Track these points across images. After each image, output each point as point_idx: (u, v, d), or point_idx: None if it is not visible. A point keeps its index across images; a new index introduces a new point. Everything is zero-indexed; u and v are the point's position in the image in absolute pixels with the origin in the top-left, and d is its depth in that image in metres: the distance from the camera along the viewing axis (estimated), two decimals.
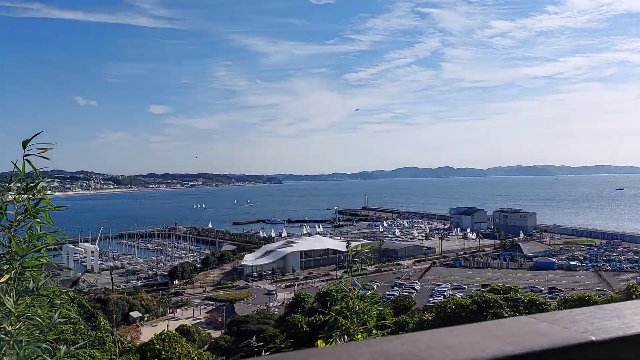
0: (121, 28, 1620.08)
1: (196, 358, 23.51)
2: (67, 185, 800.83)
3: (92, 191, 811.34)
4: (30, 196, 3.40)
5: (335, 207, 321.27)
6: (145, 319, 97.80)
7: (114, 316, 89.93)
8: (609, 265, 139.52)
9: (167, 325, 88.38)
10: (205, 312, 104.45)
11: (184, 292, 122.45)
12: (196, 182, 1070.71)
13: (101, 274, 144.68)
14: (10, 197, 3.46)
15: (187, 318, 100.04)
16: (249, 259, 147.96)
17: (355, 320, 5.41)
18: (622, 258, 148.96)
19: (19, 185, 3.47)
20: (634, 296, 41.24)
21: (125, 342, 64.36)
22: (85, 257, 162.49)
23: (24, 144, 3.57)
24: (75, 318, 25.40)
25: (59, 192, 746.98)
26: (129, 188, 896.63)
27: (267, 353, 5.86)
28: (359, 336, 5.42)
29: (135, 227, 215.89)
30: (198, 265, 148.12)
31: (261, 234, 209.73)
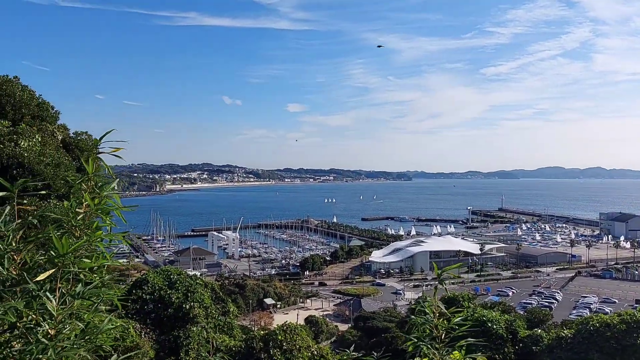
0: (263, 32, 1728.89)
1: (315, 352, 23.99)
2: (215, 178, 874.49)
3: (236, 183, 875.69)
4: (95, 196, 3.42)
5: (469, 207, 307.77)
6: (278, 306, 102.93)
7: (250, 301, 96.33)
8: None
9: (298, 314, 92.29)
10: (334, 305, 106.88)
11: (325, 283, 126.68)
12: (328, 177, 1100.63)
13: (240, 260, 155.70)
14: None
15: (316, 309, 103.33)
16: (376, 256, 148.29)
17: (440, 349, 4.89)
18: None
19: (90, 184, 3.49)
20: None
21: (257, 328, 68.45)
22: (227, 244, 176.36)
23: (96, 143, 3.63)
24: (208, 302, 27.49)
25: (207, 183, 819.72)
26: (268, 181, 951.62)
27: None
28: None
29: (271, 218, 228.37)
30: (327, 258, 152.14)
31: (389, 231, 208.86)
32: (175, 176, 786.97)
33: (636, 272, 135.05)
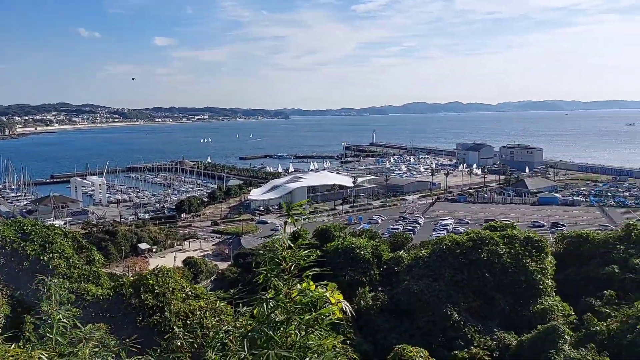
0: None
1: (190, 292, 23.78)
2: (74, 119, 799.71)
3: (99, 124, 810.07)
4: None
5: (343, 143, 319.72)
6: (154, 250, 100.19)
7: (123, 248, 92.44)
8: (614, 201, 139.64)
9: (175, 257, 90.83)
10: (213, 245, 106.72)
11: (191, 224, 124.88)
12: (202, 116, 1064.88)
13: (109, 206, 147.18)
14: None
15: (194, 250, 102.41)
16: (255, 194, 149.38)
17: (288, 279, 4.98)
18: (628, 194, 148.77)
19: None
20: (632, 234, 41.20)
21: (132, 274, 66.21)
22: (93, 190, 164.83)
23: None
24: (70, 252, 25.72)
25: (65, 124, 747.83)
26: (135, 122, 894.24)
27: None
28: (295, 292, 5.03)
29: (142, 161, 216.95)
30: (205, 199, 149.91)
31: (268, 169, 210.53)
32: (26, 118, 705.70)
33: (486, 195, 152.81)
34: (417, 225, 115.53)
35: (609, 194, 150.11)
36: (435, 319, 32.78)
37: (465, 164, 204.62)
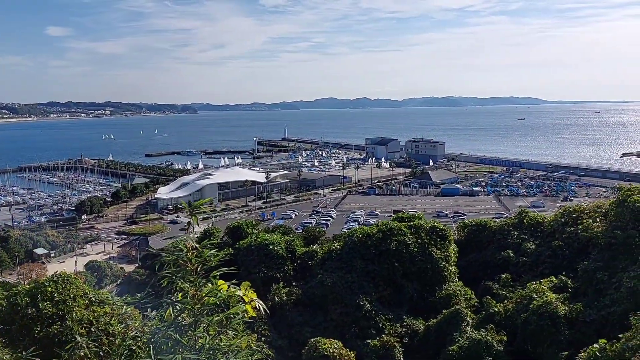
0: None
1: (93, 298, 22.34)
2: None
3: None
4: None
5: (255, 138, 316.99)
6: (52, 255, 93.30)
7: (17, 254, 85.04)
8: (508, 191, 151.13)
9: (76, 261, 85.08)
10: (118, 247, 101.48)
11: (93, 227, 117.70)
12: (104, 111, 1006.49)
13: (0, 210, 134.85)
14: None
15: (97, 253, 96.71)
16: (163, 192, 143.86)
17: (194, 281, 4.80)
18: (520, 184, 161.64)
19: None
20: (524, 221, 44.79)
21: (27, 281, 61.15)
22: None
23: None
24: None
25: None
26: (28, 117, 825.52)
27: None
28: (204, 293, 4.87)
29: (36, 160, 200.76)
30: (108, 199, 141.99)
31: (176, 166, 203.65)
32: None
33: (394, 188, 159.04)
34: (329, 218, 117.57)
35: (504, 184, 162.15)
36: (348, 310, 33.56)
37: (374, 158, 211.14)
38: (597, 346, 19.95)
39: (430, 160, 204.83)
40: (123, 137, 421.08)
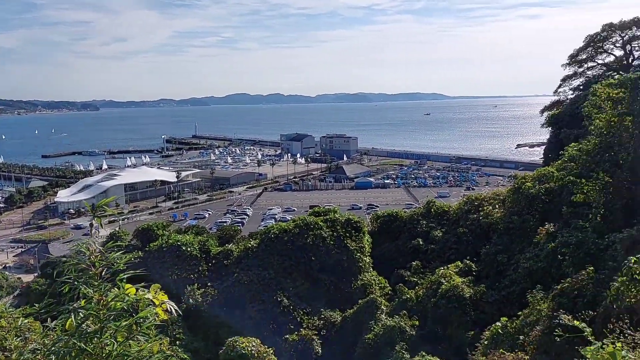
0: None
1: None
2: None
3: None
4: None
5: (163, 136, 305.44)
6: None
7: None
8: (416, 182, 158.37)
9: None
10: (14, 256, 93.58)
11: None
12: None
13: None
14: None
15: None
16: (64, 195, 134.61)
17: (99, 285, 4.51)
18: (427, 175, 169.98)
19: None
20: (432, 210, 47.12)
21: None
22: None
23: None
24: None
25: None
26: None
27: None
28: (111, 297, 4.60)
29: None
30: (1, 205, 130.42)
31: (77, 167, 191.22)
32: None
33: (309, 183, 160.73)
34: (245, 216, 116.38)
35: (413, 176, 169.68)
36: (266, 307, 33.50)
37: (289, 154, 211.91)
38: (499, 324, 21.45)
39: (344, 155, 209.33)
40: (15, 137, 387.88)
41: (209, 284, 35.99)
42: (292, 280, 36.07)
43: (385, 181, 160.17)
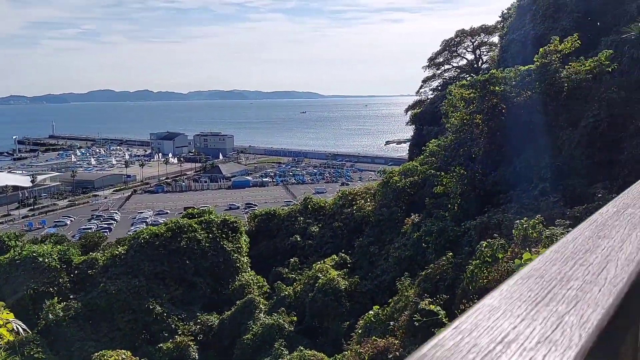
0: None
1: None
2: None
3: None
4: None
5: (14, 137, 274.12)
6: None
7: None
8: (295, 179, 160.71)
9: None
10: None
11: None
12: None
13: None
14: None
15: None
16: None
17: None
18: (305, 172, 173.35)
19: None
20: (309, 206, 47.96)
21: None
22: None
23: None
24: None
25: None
26: None
27: None
28: None
29: None
30: None
31: None
32: None
33: (183, 184, 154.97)
34: (113, 222, 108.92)
35: (291, 173, 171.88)
36: (137, 316, 31.54)
37: (160, 154, 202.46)
38: (372, 312, 22.38)
39: (220, 154, 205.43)
40: None
41: (71, 296, 32.98)
42: (166, 286, 34.42)
43: (264, 179, 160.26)
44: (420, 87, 78.23)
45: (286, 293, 32.21)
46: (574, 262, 0.99)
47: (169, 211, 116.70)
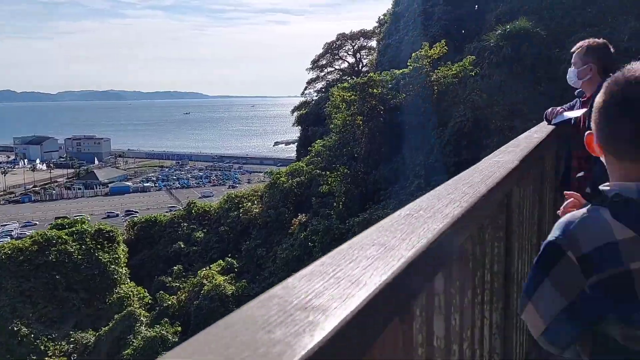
0: None
1: None
2: None
3: None
4: None
5: None
6: None
7: None
8: (179, 184, 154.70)
9: None
10: None
11: None
12: None
13: None
14: None
15: None
16: None
17: None
18: (189, 176, 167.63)
19: None
20: (193, 211, 46.35)
21: None
22: None
23: None
24: None
25: None
26: None
27: None
28: None
29: None
30: None
31: None
32: None
33: (54, 192, 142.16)
34: None
35: (174, 177, 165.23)
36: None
37: (26, 160, 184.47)
38: None
39: (96, 159, 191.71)
40: None
41: None
42: (33, 304, 31.19)
43: (145, 184, 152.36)
44: (305, 89, 79.44)
45: (169, 303, 30.74)
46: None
47: (37, 222, 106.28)
